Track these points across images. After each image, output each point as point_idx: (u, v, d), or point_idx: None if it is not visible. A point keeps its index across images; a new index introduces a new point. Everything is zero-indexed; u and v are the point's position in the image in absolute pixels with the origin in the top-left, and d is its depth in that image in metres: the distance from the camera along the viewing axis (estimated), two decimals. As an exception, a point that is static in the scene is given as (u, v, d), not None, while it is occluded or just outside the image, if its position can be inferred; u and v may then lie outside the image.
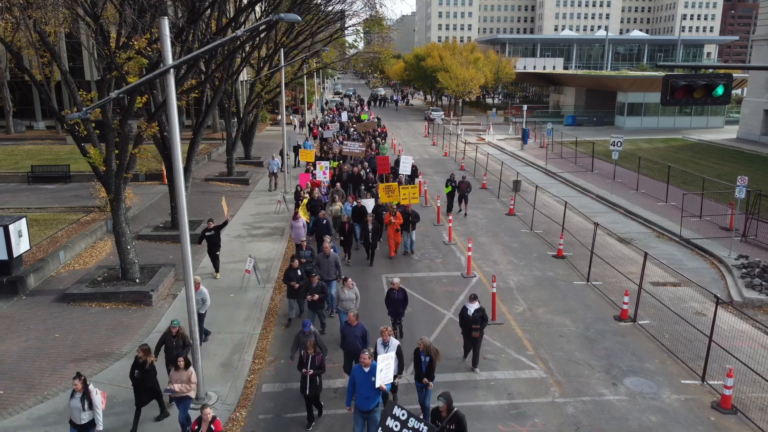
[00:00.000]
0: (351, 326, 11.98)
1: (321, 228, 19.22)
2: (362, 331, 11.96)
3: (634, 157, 35.30)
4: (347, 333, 12.00)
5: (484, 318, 12.74)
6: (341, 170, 27.76)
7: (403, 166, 27.09)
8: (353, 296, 13.70)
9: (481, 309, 12.67)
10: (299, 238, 18.37)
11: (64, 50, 40.59)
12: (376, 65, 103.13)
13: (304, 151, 30.93)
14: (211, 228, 17.83)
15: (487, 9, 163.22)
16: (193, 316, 11.27)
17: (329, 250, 15.65)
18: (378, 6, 53.75)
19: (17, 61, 16.95)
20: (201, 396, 11.48)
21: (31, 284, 16.84)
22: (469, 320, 12.62)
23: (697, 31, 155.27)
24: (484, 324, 12.75)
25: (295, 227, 19.41)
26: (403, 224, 20.06)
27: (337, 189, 24.51)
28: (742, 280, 17.93)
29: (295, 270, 14.92)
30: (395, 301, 13.80)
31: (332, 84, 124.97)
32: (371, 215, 19.58)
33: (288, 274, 15.07)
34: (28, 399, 11.52)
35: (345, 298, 13.65)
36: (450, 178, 26.30)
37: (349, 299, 13.66)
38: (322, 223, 19.37)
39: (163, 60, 10.34)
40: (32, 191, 28.17)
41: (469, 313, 12.63)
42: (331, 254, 15.64)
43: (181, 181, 10.83)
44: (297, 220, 19.32)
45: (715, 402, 11.70)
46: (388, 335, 11.11)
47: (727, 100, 11.64)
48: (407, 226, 20.29)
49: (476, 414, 11.34)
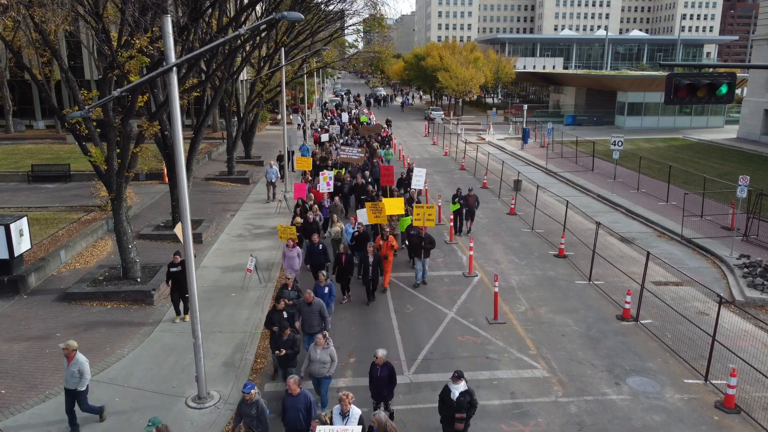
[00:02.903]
0: (292, 396, 9.37)
1: (316, 255, 16.59)
2: (306, 402, 9.38)
3: (635, 157, 35.29)
4: (288, 405, 9.38)
5: (473, 404, 9.58)
6: (341, 180, 24.62)
7: (416, 180, 23.38)
8: (327, 358, 10.77)
9: (468, 392, 9.51)
10: (290, 271, 15.65)
11: (64, 49, 40.52)
12: (376, 65, 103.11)
13: (300, 159, 27.39)
14: (177, 263, 14.51)
15: (487, 9, 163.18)
16: (195, 315, 11.24)
17: (311, 297, 12.48)
18: (380, 5, 53.42)
19: (17, 60, 16.92)
20: (203, 395, 11.46)
21: (32, 283, 16.81)
22: (452, 406, 9.46)
23: (697, 31, 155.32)
24: (472, 412, 9.63)
25: (288, 256, 16.21)
26: (414, 250, 17.29)
27: (336, 204, 21.45)
28: (743, 280, 17.92)
29: (280, 312, 12.31)
30: (378, 380, 10.35)
31: (332, 84, 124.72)
32: (372, 245, 16.27)
33: (271, 318, 12.43)
34: (30, 398, 11.49)
35: (316, 359, 10.74)
36: (457, 193, 22.69)
37: (321, 362, 10.73)
38: (318, 249, 16.58)
39: (166, 58, 10.30)
40: (32, 190, 28.12)
41: (453, 396, 9.48)
42: (315, 301, 12.47)
43: (183, 180, 10.80)
44: (291, 249, 16.26)
45: (719, 401, 11.67)
46: (349, 403, 8.83)
47: (730, 99, 11.63)
48: (419, 252, 17.15)
49: (479, 413, 11.27)
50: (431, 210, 17.62)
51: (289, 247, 16.28)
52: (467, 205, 22.42)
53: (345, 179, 24.74)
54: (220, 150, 40.85)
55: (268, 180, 27.73)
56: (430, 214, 17.54)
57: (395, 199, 19.82)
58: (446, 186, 31.78)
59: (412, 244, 17.37)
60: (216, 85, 24.75)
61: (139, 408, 11.23)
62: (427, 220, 17.49)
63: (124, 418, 10.90)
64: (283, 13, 10.62)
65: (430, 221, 17.57)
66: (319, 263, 16.31)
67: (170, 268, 14.63)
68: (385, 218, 18.21)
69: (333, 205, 21.42)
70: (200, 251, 19.30)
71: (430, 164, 38.68)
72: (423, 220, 17.52)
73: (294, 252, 16.21)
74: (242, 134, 35.45)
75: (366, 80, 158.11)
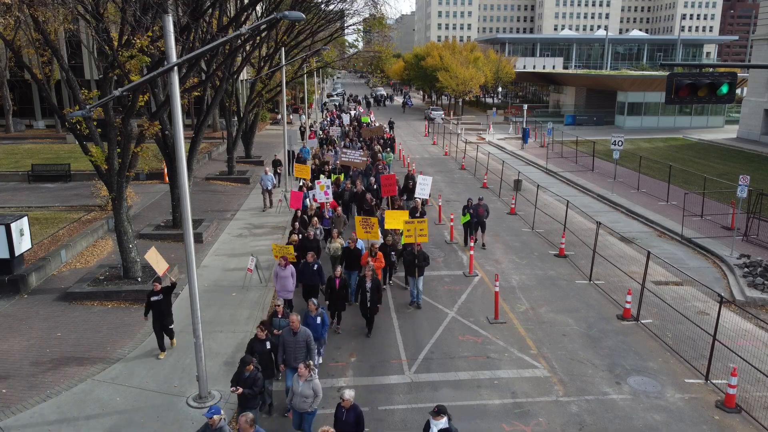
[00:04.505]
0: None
1: (309, 275, 14.66)
2: None
3: (635, 157, 35.30)
4: None
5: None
6: (341, 187, 22.83)
7: (420, 189, 21.92)
8: (309, 392, 9.70)
9: (449, 430, 8.47)
10: (284, 294, 14.22)
11: (64, 49, 40.54)
12: (376, 65, 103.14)
13: (299, 167, 25.11)
14: (158, 290, 12.92)
15: (487, 9, 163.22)
16: (196, 314, 11.24)
17: (297, 324, 10.99)
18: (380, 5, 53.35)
19: (17, 59, 16.92)
20: (204, 395, 11.47)
21: (33, 283, 16.81)
22: None
23: (697, 31, 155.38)
24: None
25: (280, 277, 14.39)
26: (408, 268, 16.04)
27: (338, 215, 19.65)
28: (744, 279, 17.93)
29: (263, 342, 11.00)
30: (343, 425, 9.08)
31: (332, 83, 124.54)
32: (371, 268, 14.22)
33: (252, 347, 11.03)
34: (31, 398, 11.48)
35: (298, 392, 9.71)
36: (467, 205, 20.89)
37: (302, 396, 9.70)
38: (312, 269, 14.61)
39: (167, 58, 10.31)
40: (32, 190, 28.12)
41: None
42: (301, 331, 11.02)
43: (184, 179, 10.80)
44: (284, 268, 14.43)
45: (719, 401, 11.68)
46: None
47: (731, 99, 11.65)
48: (413, 271, 15.81)
49: (480, 413, 11.33)
50: (423, 225, 16.39)
51: (281, 266, 14.45)
52: (477, 215, 20.85)
53: (345, 185, 22.88)
54: (220, 150, 40.85)
55: (263, 187, 25.72)
56: (422, 229, 16.33)
57: (398, 211, 18.33)
58: (447, 186, 31.81)
59: (405, 262, 16.14)
60: (216, 85, 24.74)
61: (140, 407, 11.23)
62: (419, 236, 16.25)
63: (125, 418, 10.90)
64: (284, 13, 10.63)
65: (422, 237, 16.34)
66: (312, 284, 14.71)
67: (150, 297, 12.87)
68: (377, 234, 16.83)
69: (335, 216, 19.55)
70: (201, 251, 19.30)
71: (430, 164, 38.69)
72: (414, 236, 16.25)
73: (287, 271, 14.42)
74: (242, 134, 35.44)
75: (366, 80, 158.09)
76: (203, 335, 11.41)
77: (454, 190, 30.93)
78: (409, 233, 16.43)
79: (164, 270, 13.86)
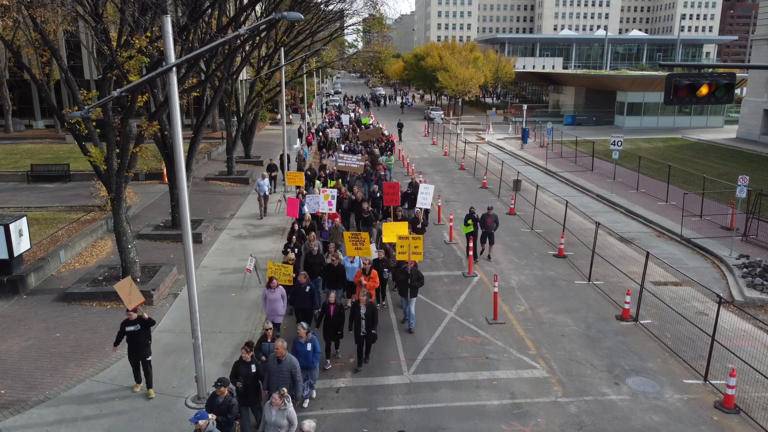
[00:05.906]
0: None
1: (301, 298, 13.35)
2: None
3: (634, 157, 35.30)
4: None
5: None
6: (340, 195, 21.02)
7: (422, 198, 20.43)
8: (283, 422, 9.01)
9: None
10: (274, 317, 13.01)
11: (64, 49, 40.53)
12: (375, 65, 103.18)
13: (291, 174, 24.00)
14: (134, 319, 11.52)
15: (487, 9, 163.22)
16: (195, 315, 11.24)
17: (283, 351, 10.11)
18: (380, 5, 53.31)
19: (17, 60, 16.92)
20: (203, 396, 11.46)
21: (32, 283, 16.80)
22: None
23: (696, 31, 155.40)
24: None
25: (270, 299, 13.09)
26: (400, 288, 14.84)
27: (336, 226, 18.07)
28: (743, 280, 17.94)
29: (248, 365, 10.26)
30: None
31: (331, 83, 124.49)
32: (365, 293, 12.78)
33: (236, 370, 10.32)
34: (30, 399, 11.48)
35: (271, 422, 9.04)
36: (470, 214, 19.25)
37: (276, 426, 9.01)
38: (304, 291, 13.30)
39: (166, 58, 10.30)
40: (32, 190, 28.12)
41: None
42: (287, 359, 10.14)
43: (183, 180, 10.79)
44: (274, 290, 13.13)
45: (718, 402, 11.68)
46: None
47: (730, 99, 11.66)
48: (405, 291, 14.58)
49: (479, 414, 11.33)
50: (417, 242, 15.11)
51: (271, 288, 13.14)
52: (485, 226, 19.37)
53: (343, 193, 21.39)
54: (220, 150, 40.84)
55: (259, 193, 24.47)
56: (416, 246, 15.06)
57: (397, 223, 17.11)
58: (446, 186, 31.82)
59: (398, 280, 14.93)
60: (216, 85, 24.74)
61: (139, 408, 11.23)
62: (413, 253, 15.00)
63: (124, 418, 10.90)
64: (283, 13, 10.63)
65: (417, 255, 15.04)
66: (304, 308, 13.47)
67: (125, 326, 11.51)
68: (368, 250, 15.46)
69: (333, 227, 18.07)
70: (200, 251, 19.30)
71: (429, 164, 38.71)
72: (408, 253, 14.99)
73: (277, 294, 13.13)
74: (242, 134, 35.43)
75: (366, 80, 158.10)
76: (202, 336, 11.41)
77: (454, 190, 30.93)
78: (403, 250, 15.12)
79: (137, 304, 11.79)
